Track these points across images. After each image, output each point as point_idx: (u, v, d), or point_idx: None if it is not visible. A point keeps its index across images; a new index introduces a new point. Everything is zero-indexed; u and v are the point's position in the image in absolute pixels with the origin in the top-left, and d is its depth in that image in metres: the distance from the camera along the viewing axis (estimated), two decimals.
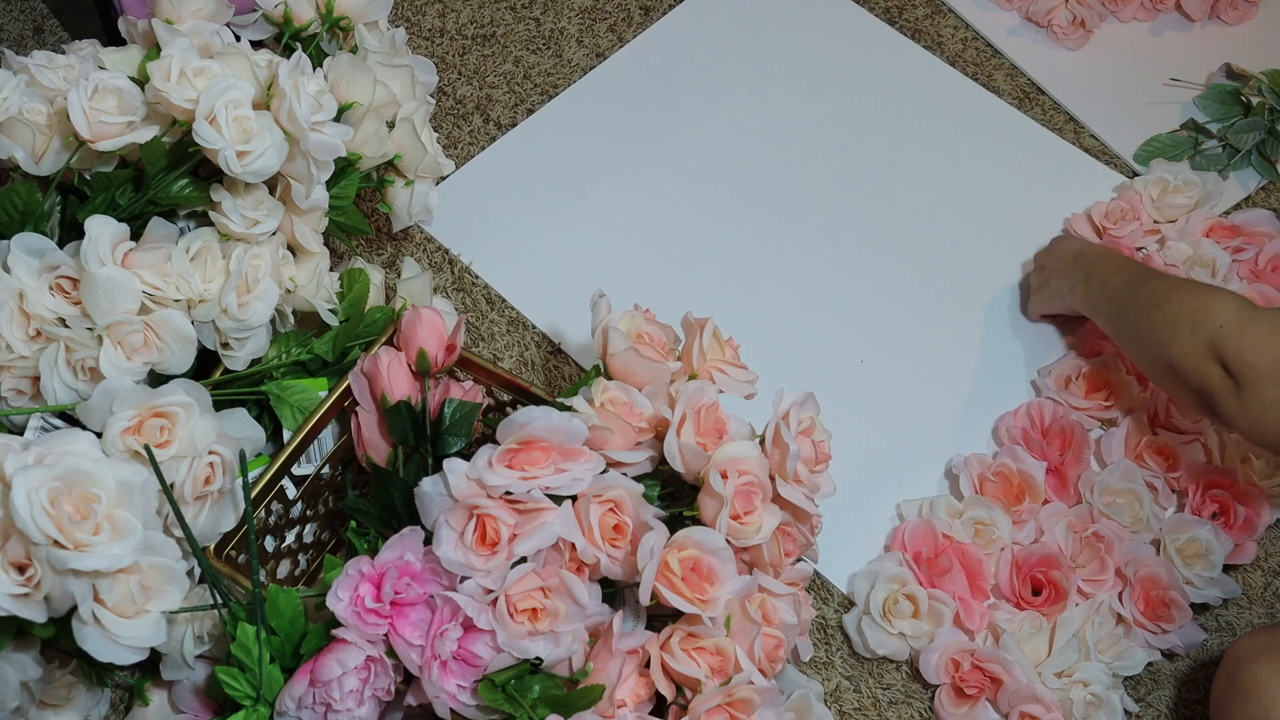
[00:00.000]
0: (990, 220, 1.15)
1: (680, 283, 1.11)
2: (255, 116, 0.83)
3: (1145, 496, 0.97)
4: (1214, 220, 1.11)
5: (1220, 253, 1.07)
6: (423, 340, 0.84)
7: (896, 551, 0.96)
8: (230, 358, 0.87)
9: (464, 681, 0.72)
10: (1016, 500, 0.97)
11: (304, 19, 0.98)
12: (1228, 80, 1.23)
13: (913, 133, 1.20)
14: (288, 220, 0.90)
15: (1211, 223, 1.11)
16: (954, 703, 0.91)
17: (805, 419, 0.81)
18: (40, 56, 0.88)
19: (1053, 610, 0.93)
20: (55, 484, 0.66)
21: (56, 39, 1.24)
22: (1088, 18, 1.27)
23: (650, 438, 0.80)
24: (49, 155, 0.85)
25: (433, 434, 0.81)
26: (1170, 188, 1.12)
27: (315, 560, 0.92)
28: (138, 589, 0.70)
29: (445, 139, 1.19)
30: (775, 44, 1.26)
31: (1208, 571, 0.94)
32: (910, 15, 1.30)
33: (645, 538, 0.73)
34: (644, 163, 1.18)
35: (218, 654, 0.81)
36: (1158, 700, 0.93)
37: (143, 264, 0.81)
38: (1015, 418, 1.02)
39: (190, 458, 0.77)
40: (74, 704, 0.84)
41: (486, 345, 1.08)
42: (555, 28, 1.27)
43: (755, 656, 0.75)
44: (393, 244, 1.13)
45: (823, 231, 1.14)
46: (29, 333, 0.80)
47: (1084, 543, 0.95)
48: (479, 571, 0.72)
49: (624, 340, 0.79)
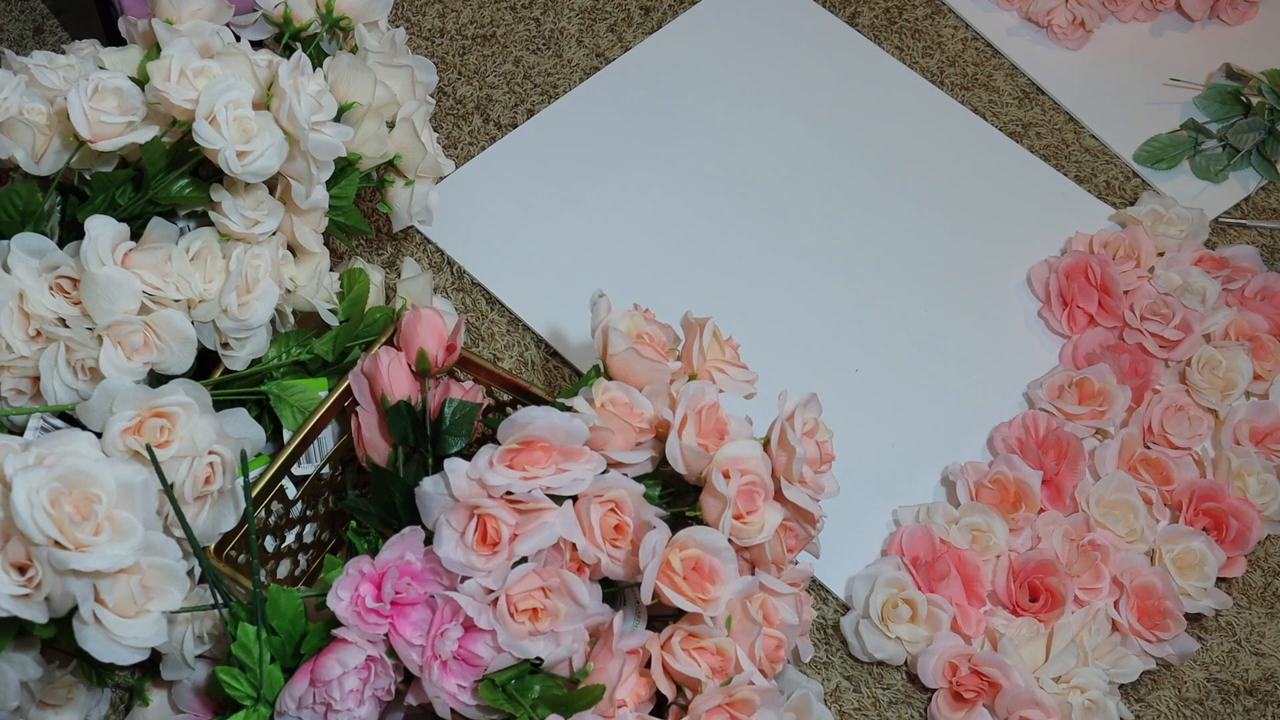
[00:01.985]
0: (982, 236, 1.15)
1: (678, 289, 1.10)
2: (255, 116, 0.83)
3: (1140, 508, 0.97)
4: (1202, 251, 1.12)
5: (1210, 282, 1.08)
6: (423, 340, 0.84)
7: (894, 556, 0.96)
8: (230, 358, 0.87)
9: (464, 681, 0.72)
10: (1013, 508, 0.97)
11: (304, 19, 0.98)
12: (1228, 80, 1.23)
13: (907, 150, 1.20)
14: (288, 220, 0.90)
15: (1200, 253, 1.11)
16: (951, 707, 0.91)
17: (809, 419, 0.81)
18: (40, 56, 0.88)
19: (1049, 617, 0.93)
20: (55, 484, 0.66)
21: (56, 39, 1.24)
22: (1088, 18, 1.27)
23: (651, 438, 0.80)
24: (49, 155, 0.85)
25: (433, 434, 0.81)
26: (1163, 220, 1.13)
27: (315, 560, 0.92)
28: (138, 589, 0.70)
29: (445, 139, 1.19)
30: (774, 60, 1.26)
31: (1202, 582, 0.95)
32: (910, 15, 1.30)
33: (648, 537, 0.73)
34: (644, 167, 1.18)
35: (218, 654, 0.81)
36: (1158, 700, 0.93)
37: (143, 264, 0.81)
38: (1010, 428, 1.02)
39: (190, 458, 0.77)
40: (74, 704, 0.84)
41: (486, 345, 1.08)
42: (555, 28, 1.27)
43: (756, 657, 0.75)
44: (393, 244, 1.13)
45: (817, 242, 1.14)
46: (29, 333, 0.80)
47: (1080, 551, 0.95)
48: (479, 571, 0.72)
49: (624, 340, 0.79)
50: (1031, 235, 1.15)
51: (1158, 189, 1.19)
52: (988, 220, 1.16)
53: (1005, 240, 1.15)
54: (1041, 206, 1.17)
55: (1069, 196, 1.18)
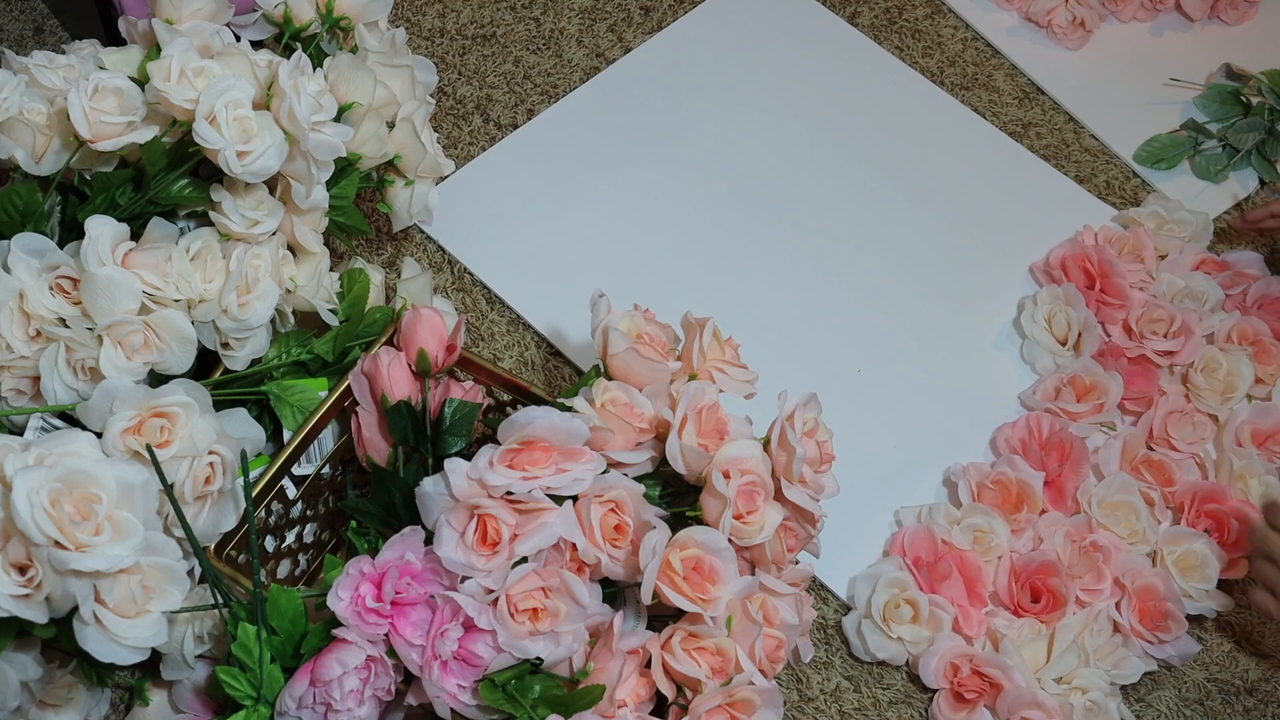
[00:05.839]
0: (983, 235, 1.15)
1: (678, 289, 1.10)
2: (255, 116, 0.83)
3: (1142, 509, 0.97)
4: (1204, 255, 1.12)
5: (1213, 286, 1.09)
6: (423, 340, 0.84)
7: (896, 556, 0.96)
8: (230, 358, 0.87)
9: (464, 681, 0.72)
10: (1015, 509, 0.97)
11: (304, 19, 0.98)
12: (1228, 80, 1.23)
13: (907, 151, 1.20)
14: (288, 220, 0.90)
15: (1202, 257, 1.11)
16: (952, 708, 0.91)
17: (809, 419, 0.81)
18: (40, 56, 0.88)
19: (1051, 618, 0.93)
20: (56, 485, 0.66)
21: (56, 39, 1.24)
22: (1088, 18, 1.27)
23: (651, 438, 0.80)
24: (49, 155, 0.85)
25: (433, 434, 0.81)
26: (1165, 224, 1.12)
27: (315, 560, 0.92)
28: (139, 589, 0.70)
29: (445, 139, 1.19)
30: (775, 60, 1.26)
31: (1204, 584, 0.95)
32: (910, 15, 1.30)
33: (648, 536, 0.73)
34: (645, 167, 1.18)
35: (218, 654, 0.81)
36: (1158, 700, 0.93)
37: (143, 264, 0.81)
38: (1014, 429, 1.02)
39: (190, 458, 0.77)
40: (74, 704, 0.84)
41: (486, 345, 1.08)
42: (555, 28, 1.27)
43: (756, 657, 0.75)
44: (393, 244, 1.13)
45: (818, 242, 1.14)
46: (29, 333, 0.80)
47: (1082, 552, 0.95)
48: (480, 571, 0.72)
49: (624, 340, 0.79)
50: (1032, 235, 1.14)
51: (1158, 189, 1.19)
52: (988, 220, 1.16)
53: (1006, 240, 1.15)
54: (1042, 206, 1.17)
55: (1069, 196, 1.18)
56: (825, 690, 0.93)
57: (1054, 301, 1.07)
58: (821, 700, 0.92)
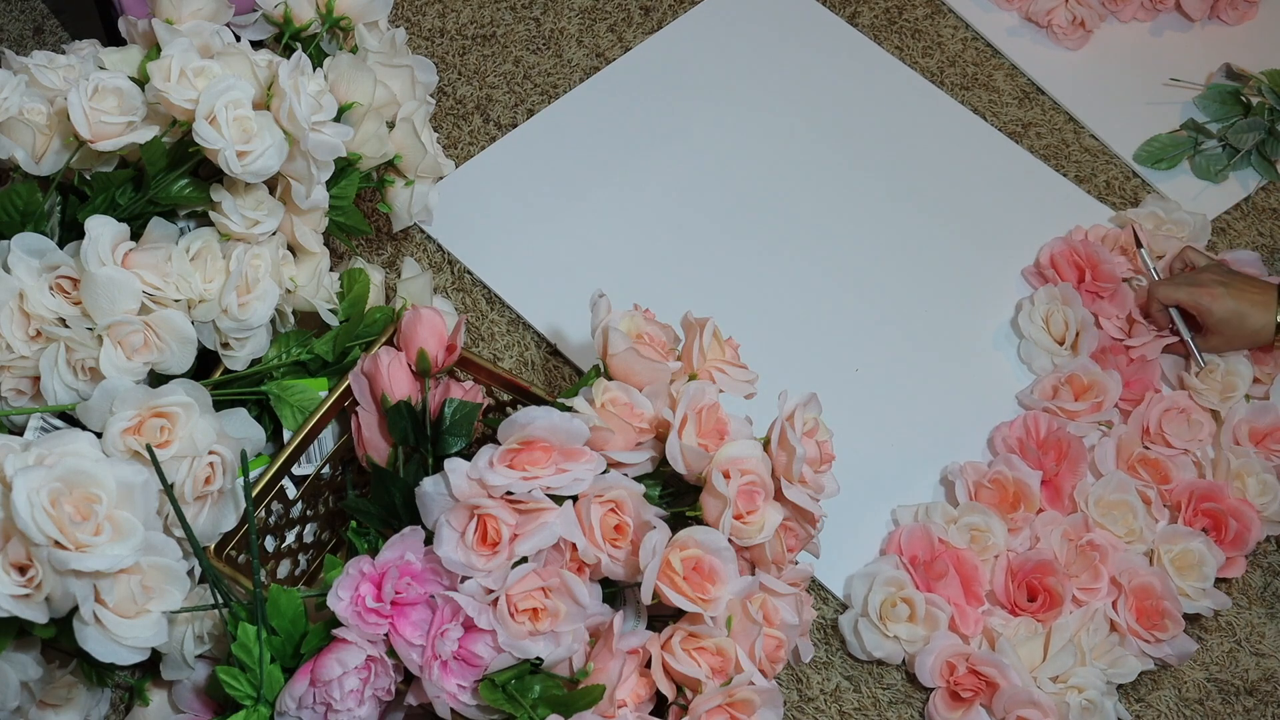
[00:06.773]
0: (982, 235, 1.15)
1: (678, 289, 1.10)
2: (255, 116, 0.83)
3: (1139, 508, 0.97)
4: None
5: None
6: (423, 340, 0.84)
7: (893, 555, 0.96)
8: (230, 358, 0.88)
9: (464, 681, 0.72)
10: (1012, 508, 0.97)
11: (304, 19, 0.98)
12: (1228, 80, 1.23)
13: (907, 150, 1.20)
14: (288, 220, 0.90)
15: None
16: (948, 707, 0.91)
17: (809, 419, 0.81)
18: (40, 56, 0.88)
19: (1047, 616, 0.93)
20: (56, 485, 0.66)
21: (56, 39, 1.24)
22: (1088, 18, 1.27)
23: (651, 438, 0.80)
24: (49, 155, 0.85)
25: (433, 434, 0.81)
26: (1163, 224, 1.12)
27: (315, 560, 0.92)
28: (139, 589, 0.70)
29: (445, 139, 1.19)
30: (774, 60, 1.26)
31: (1200, 583, 0.95)
32: (910, 15, 1.30)
33: (648, 537, 0.73)
34: (644, 167, 1.18)
35: (218, 654, 0.81)
36: (1158, 700, 0.94)
37: (143, 264, 0.81)
38: (1011, 429, 1.02)
39: (190, 458, 0.77)
40: (74, 704, 0.84)
41: (486, 345, 1.08)
42: (555, 28, 1.27)
43: (756, 657, 0.75)
44: (393, 244, 1.13)
45: (817, 242, 1.14)
46: (29, 333, 0.80)
47: (1079, 551, 0.95)
48: (480, 571, 0.72)
49: (624, 340, 0.79)
50: (1030, 235, 1.14)
51: (1158, 189, 1.19)
52: (986, 220, 1.16)
53: (1003, 240, 1.15)
54: (1041, 207, 1.17)
55: (1069, 197, 1.18)
56: (825, 690, 0.93)
57: (1051, 301, 1.07)
58: (821, 700, 0.92)
